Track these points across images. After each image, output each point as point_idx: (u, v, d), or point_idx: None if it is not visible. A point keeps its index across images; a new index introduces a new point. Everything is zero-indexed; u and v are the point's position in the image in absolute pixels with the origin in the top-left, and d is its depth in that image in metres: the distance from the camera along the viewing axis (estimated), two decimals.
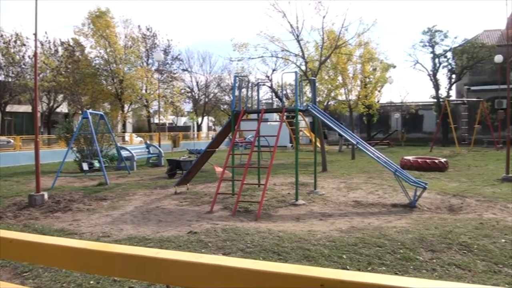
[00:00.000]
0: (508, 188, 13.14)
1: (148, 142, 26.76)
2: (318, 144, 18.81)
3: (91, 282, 5.40)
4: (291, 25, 18.63)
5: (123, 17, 56.22)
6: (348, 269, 5.78)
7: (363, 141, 12.06)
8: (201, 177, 16.05)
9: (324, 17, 19.05)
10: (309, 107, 12.26)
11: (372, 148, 12.17)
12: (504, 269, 5.83)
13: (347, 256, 6.31)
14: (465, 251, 6.51)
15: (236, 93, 13.33)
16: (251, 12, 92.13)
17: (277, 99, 39.25)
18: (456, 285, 0.97)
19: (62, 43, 40.22)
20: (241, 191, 10.79)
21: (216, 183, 12.32)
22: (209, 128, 63.72)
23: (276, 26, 31.55)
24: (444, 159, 19.36)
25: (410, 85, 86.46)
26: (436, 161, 18.80)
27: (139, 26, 44.32)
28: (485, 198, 11.28)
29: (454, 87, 43.76)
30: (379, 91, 34.31)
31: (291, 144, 28.66)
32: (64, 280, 5.50)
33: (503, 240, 7.05)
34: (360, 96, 28.27)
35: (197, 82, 52.81)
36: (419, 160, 18.99)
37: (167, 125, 53.22)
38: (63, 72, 37.06)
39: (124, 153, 20.60)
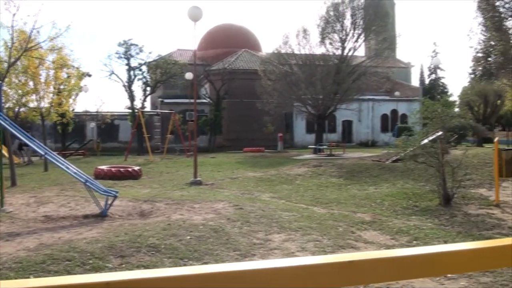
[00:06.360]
0: (195, 191, 14.46)
1: None
2: (6, 154, 16.97)
3: None
4: None
5: None
6: None
7: (51, 152, 11.47)
8: None
9: (14, 14, 17.30)
10: None
11: (62, 158, 11.70)
12: (189, 262, 6.42)
13: (34, 276, 5.86)
14: (153, 252, 6.86)
15: None
16: None
17: None
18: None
19: None
20: None
21: None
22: None
23: None
24: (138, 167, 20.04)
25: (106, 94, 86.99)
26: (130, 169, 19.30)
27: None
28: (174, 201, 12.06)
29: (148, 99, 46.01)
30: (73, 99, 33.29)
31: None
32: None
33: (188, 237, 7.68)
34: (53, 104, 26.82)
35: None
36: (113, 169, 19.13)
37: None
38: None
39: None
